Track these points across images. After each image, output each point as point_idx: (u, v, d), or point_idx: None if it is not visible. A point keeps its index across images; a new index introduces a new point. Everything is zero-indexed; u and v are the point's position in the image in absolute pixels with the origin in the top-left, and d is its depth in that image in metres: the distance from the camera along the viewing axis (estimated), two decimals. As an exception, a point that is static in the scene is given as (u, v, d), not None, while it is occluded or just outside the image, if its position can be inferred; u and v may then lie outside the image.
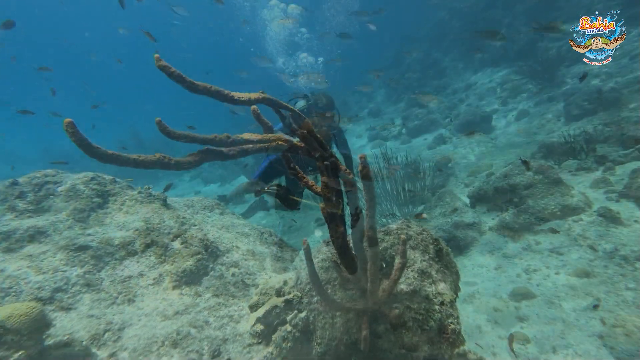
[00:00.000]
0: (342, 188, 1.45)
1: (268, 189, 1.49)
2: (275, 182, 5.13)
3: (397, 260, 1.37)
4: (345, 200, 1.45)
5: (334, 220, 1.28)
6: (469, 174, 5.90)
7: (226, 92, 1.05)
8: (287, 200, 1.50)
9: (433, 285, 1.38)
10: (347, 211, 1.43)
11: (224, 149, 1.06)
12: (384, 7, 6.36)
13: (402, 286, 1.38)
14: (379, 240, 1.58)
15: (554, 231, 4.04)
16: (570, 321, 3.18)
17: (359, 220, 1.43)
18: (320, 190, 1.29)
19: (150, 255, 1.74)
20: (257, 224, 8.21)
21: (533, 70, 7.80)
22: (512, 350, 2.73)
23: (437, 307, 1.30)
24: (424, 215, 4.43)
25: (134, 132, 16.37)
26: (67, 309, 1.35)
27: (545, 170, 4.36)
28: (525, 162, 3.97)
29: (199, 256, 1.86)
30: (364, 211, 1.25)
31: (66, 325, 1.32)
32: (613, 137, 5.45)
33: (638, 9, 7.31)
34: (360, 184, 1.17)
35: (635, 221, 3.90)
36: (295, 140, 1.27)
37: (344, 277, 1.44)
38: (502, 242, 4.24)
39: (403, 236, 1.28)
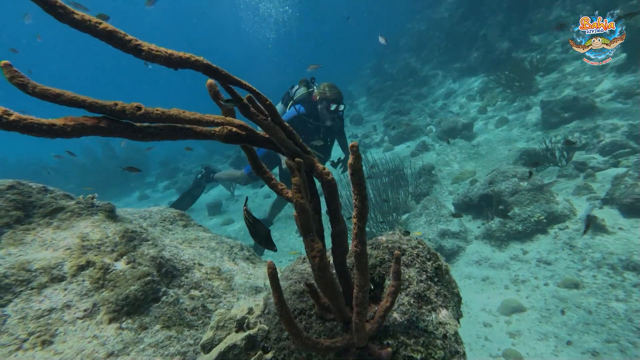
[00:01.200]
0: (323, 191, 1.17)
1: (248, 216, 1.19)
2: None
3: (390, 283, 1.09)
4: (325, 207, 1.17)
5: (309, 233, 1.00)
6: (452, 181, 5.78)
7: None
8: (263, 239, 1.21)
9: (433, 312, 1.11)
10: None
11: (135, 123, 0.77)
12: (366, 14, 6.29)
13: (396, 315, 1.10)
14: (368, 256, 1.30)
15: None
16: (562, 337, 3.01)
17: (342, 232, 1.16)
18: (291, 194, 1.00)
19: (83, 280, 1.39)
20: (233, 231, 7.81)
21: (510, 79, 7.89)
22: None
23: (439, 341, 1.03)
24: (418, 233, 4.28)
25: (104, 141, 15.51)
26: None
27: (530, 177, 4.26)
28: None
29: (148, 278, 1.52)
30: (350, 219, 0.99)
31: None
32: (590, 144, 5.49)
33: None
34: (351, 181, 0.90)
35: (620, 229, 3.83)
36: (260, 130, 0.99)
37: (323, 306, 1.15)
38: (489, 252, 4.08)
39: (397, 252, 1.02)
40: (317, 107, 4.16)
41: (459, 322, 1.16)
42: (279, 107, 4.68)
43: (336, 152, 5.09)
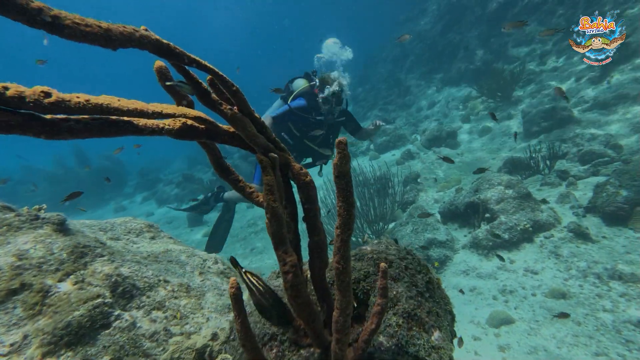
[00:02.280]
0: (297, 195, 1.02)
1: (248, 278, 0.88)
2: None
3: (375, 301, 0.94)
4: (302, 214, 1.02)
5: (282, 243, 0.84)
6: (438, 190, 5.73)
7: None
8: (275, 316, 0.96)
9: (424, 334, 0.97)
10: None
11: (44, 116, 0.60)
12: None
13: (382, 339, 0.95)
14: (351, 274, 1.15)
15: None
16: (552, 350, 2.92)
17: (322, 243, 1.01)
18: (262, 199, 0.85)
19: (14, 308, 1.18)
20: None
21: (492, 89, 8.03)
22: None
23: (433, 370, 0.88)
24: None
25: (77, 150, 14.83)
26: None
27: (515, 184, 4.23)
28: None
29: (98, 300, 1.32)
30: (331, 229, 0.84)
31: None
32: (570, 152, 5.56)
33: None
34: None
35: (604, 237, 3.83)
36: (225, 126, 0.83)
37: (297, 329, 0.99)
38: (476, 261, 4.00)
39: (383, 264, 0.87)
40: (319, 100, 3.76)
41: (453, 344, 1.01)
42: (277, 104, 4.33)
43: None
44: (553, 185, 4.91)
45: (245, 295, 2.15)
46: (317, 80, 3.87)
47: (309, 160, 4.27)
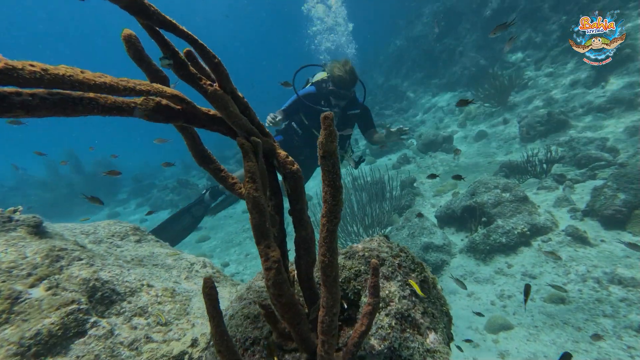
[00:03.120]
0: (282, 186, 0.95)
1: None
2: None
3: (366, 300, 0.87)
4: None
5: (264, 238, 0.77)
6: (434, 194, 5.68)
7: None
8: None
9: (419, 337, 0.89)
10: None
11: None
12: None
13: (373, 342, 0.88)
14: (338, 267, 1.07)
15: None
16: (552, 356, 2.84)
17: (309, 238, 0.94)
18: (244, 189, 0.78)
19: (-22, 315, 1.09)
20: (209, 248, 7.38)
21: (487, 94, 8.05)
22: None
23: (428, 376, 0.80)
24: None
25: (70, 156, 14.64)
26: None
27: (512, 187, 4.19)
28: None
29: (73, 307, 1.24)
30: (317, 221, 0.76)
31: None
32: (566, 156, 5.54)
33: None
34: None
35: (602, 241, 3.77)
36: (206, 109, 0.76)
37: (282, 333, 0.91)
38: (474, 266, 3.92)
39: (374, 261, 0.80)
40: (327, 87, 3.54)
41: (449, 348, 0.94)
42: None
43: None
44: (550, 189, 4.87)
45: (226, 295, 2.06)
46: (328, 70, 3.61)
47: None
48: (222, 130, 0.74)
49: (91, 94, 0.58)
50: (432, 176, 3.32)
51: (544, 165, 5.25)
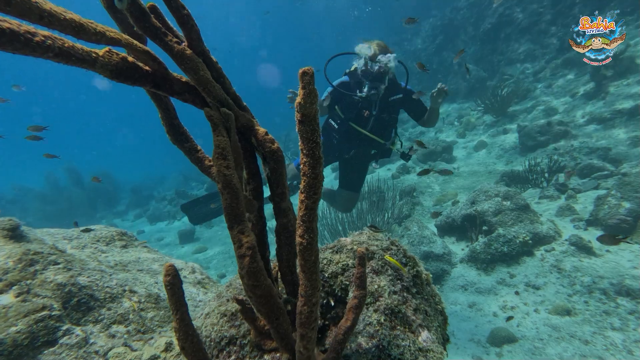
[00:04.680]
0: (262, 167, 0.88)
1: None
2: None
3: (352, 293, 0.79)
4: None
5: (237, 222, 0.70)
6: (434, 203, 5.59)
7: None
8: None
9: (411, 335, 0.81)
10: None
11: None
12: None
13: (361, 340, 0.79)
14: (324, 262, 1.00)
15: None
16: (560, 370, 2.71)
17: (291, 226, 0.87)
18: (213, 166, 0.71)
19: None
20: (205, 259, 7.25)
21: (487, 105, 8.06)
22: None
23: (420, 378, 0.72)
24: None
25: (70, 169, 14.61)
26: None
27: (513, 196, 4.11)
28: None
29: (42, 313, 1.16)
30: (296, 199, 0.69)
31: None
32: (568, 166, 5.47)
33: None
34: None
35: (608, 251, 3.66)
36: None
37: (261, 331, 0.83)
38: (475, 276, 3.81)
39: (360, 249, 0.72)
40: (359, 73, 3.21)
41: (444, 349, 0.86)
42: None
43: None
44: (552, 198, 4.79)
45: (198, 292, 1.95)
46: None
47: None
48: (197, 102, 0.68)
49: (45, 32, 0.51)
50: (425, 171, 3.20)
51: (546, 175, 5.18)
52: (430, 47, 12.29)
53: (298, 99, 0.53)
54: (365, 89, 3.14)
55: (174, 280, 0.63)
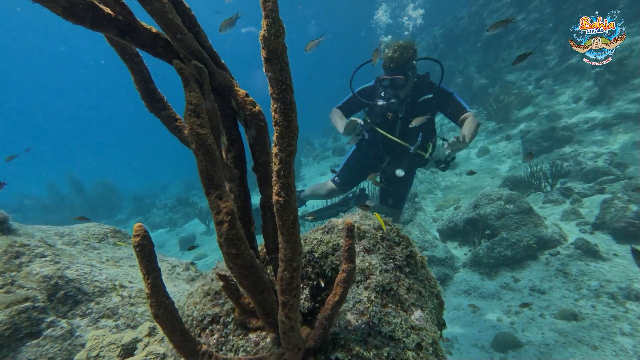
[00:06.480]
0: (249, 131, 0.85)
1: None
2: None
3: (340, 267, 0.75)
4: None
5: (213, 187, 0.66)
6: (436, 209, 5.53)
7: None
8: None
9: (402, 313, 0.76)
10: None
11: None
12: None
13: (350, 317, 0.75)
14: (315, 242, 0.96)
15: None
16: (567, 376, 2.60)
17: (272, 191, 0.83)
18: (186, 125, 0.66)
19: None
20: (205, 265, 7.16)
21: (489, 111, 8.04)
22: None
23: (410, 353, 0.67)
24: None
25: (72, 178, 14.66)
26: None
27: (516, 199, 4.04)
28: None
29: (26, 304, 1.12)
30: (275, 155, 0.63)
31: None
32: (572, 171, 5.40)
33: (574, 60, 7.95)
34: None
35: (615, 255, 3.57)
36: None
37: (245, 308, 0.79)
38: (478, 280, 3.71)
39: (348, 220, 0.68)
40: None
41: (439, 330, 0.81)
42: None
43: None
44: (556, 202, 4.70)
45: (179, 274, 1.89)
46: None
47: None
48: (169, 57, 0.65)
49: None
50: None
51: (549, 180, 5.10)
52: (435, 53, 12.36)
53: (262, 32, 0.48)
54: (385, 96, 3.03)
55: (143, 242, 0.59)
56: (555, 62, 8.56)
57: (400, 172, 3.18)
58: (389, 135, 3.11)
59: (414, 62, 2.93)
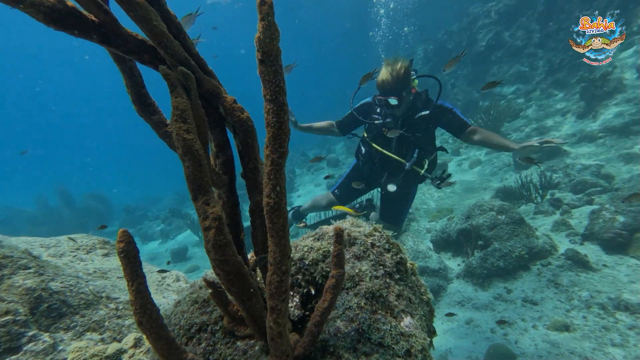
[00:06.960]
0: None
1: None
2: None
3: (330, 273, 0.75)
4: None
5: (201, 192, 0.66)
6: (430, 219, 5.55)
7: None
8: None
9: (392, 319, 0.76)
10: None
11: None
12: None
13: (339, 323, 0.74)
14: (305, 249, 0.96)
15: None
16: (561, 387, 2.59)
17: (262, 197, 0.83)
18: (172, 131, 0.67)
19: None
20: (197, 278, 7.04)
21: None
22: None
23: (401, 362, 0.67)
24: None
25: (61, 190, 14.42)
26: None
27: (508, 210, 4.08)
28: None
29: (5, 319, 1.09)
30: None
31: None
32: (562, 182, 5.49)
33: (560, 75, 8.18)
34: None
35: (604, 265, 3.61)
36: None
37: (234, 316, 0.78)
38: (471, 291, 3.71)
39: (338, 226, 0.68)
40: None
41: (429, 337, 0.81)
42: None
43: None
44: (547, 213, 4.76)
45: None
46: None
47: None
48: (155, 64, 0.65)
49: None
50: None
51: (540, 191, 5.18)
52: (423, 69, 12.63)
53: (257, 34, 0.49)
54: (381, 113, 3.09)
55: (128, 248, 0.59)
56: (542, 76, 8.80)
57: (392, 187, 3.20)
58: (384, 151, 3.17)
59: (409, 83, 2.96)
